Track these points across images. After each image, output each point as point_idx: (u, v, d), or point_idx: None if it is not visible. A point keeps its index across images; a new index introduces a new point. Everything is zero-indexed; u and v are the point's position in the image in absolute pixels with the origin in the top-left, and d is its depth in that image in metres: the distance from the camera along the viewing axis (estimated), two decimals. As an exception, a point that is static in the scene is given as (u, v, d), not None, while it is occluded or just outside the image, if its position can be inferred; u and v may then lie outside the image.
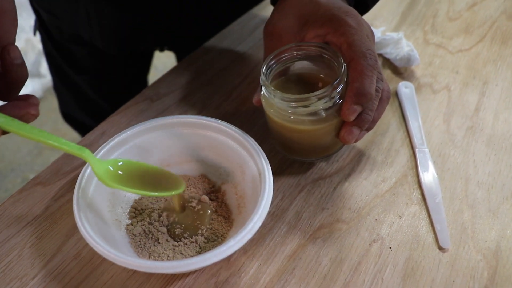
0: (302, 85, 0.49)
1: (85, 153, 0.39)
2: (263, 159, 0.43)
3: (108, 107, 0.86)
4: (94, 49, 0.78)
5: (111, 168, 0.41)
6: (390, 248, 0.44)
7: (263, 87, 0.47)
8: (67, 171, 0.51)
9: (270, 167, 0.43)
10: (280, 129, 0.48)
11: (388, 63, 0.66)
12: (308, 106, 0.44)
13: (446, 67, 0.66)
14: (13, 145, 0.89)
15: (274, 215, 0.47)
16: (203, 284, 0.41)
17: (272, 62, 0.47)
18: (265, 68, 0.47)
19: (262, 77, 0.46)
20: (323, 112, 0.45)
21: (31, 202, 0.48)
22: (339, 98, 0.45)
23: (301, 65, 0.50)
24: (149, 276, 0.42)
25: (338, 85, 0.44)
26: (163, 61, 1.82)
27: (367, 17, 0.75)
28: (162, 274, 0.42)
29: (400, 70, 0.65)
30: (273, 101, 0.45)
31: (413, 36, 0.72)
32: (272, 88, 0.45)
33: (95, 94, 0.87)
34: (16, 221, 0.47)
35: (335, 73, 0.46)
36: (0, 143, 1.57)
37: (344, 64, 0.44)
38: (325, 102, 0.44)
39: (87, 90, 0.86)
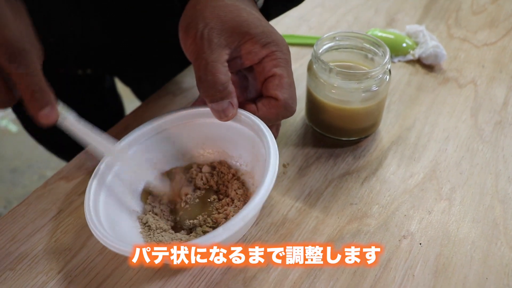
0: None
1: None
2: (270, 142, 0.41)
3: None
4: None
5: None
6: (420, 244, 0.43)
7: (314, 65, 0.49)
8: (90, 166, 0.51)
9: (277, 151, 0.40)
10: (325, 108, 0.50)
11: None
12: (361, 82, 0.47)
13: (472, 61, 0.64)
14: (30, 142, 0.89)
15: (301, 210, 0.46)
16: (231, 280, 0.41)
17: (326, 42, 0.51)
18: (318, 45, 0.49)
19: (316, 53, 0.48)
20: (374, 87, 0.47)
21: (55, 197, 0.48)
22: (385, 78, 0.48)
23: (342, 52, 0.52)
24: (175, 272, 0.42)
25: (387, 64, 0.47)
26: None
27: (390, 11, 0.74)
28: (188, 271, 0.42)
29: (426, 64, 0.64)
30: (325, 77, 0.48)
31: (436, 30, 0.70)
32: (328, 62, 0.47)
33: None
34: (41, 215, 0.46)
35: (372, 61, 0.51)
36: (18, 140, 1.59)
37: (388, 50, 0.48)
38: (375, 80, 0.47)
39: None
